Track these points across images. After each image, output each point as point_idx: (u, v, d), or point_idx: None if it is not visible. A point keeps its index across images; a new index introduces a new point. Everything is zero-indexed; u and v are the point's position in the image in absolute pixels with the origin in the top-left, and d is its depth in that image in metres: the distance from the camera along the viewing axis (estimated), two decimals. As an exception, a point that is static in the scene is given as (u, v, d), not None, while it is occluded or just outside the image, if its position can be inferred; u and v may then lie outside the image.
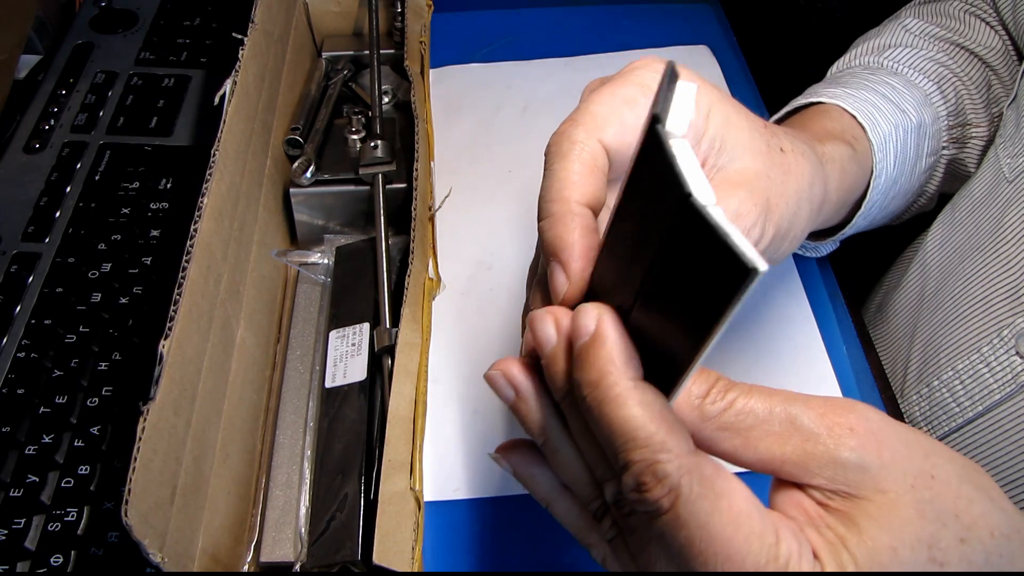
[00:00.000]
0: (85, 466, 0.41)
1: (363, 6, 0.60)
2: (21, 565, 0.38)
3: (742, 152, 0.28)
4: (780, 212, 0.29)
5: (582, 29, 0.66)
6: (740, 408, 0.22)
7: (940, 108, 0.46)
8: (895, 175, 0.41)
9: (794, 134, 0.32)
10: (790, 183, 0.30)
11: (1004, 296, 0.41)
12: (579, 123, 0.27)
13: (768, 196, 0.28)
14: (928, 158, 0.44)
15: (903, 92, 0.43)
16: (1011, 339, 0.40)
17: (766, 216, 0.28)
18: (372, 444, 0.41)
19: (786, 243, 0.31)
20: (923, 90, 0.45)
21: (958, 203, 0.47)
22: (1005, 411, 0.41)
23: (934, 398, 0.44)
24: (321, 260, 0.50)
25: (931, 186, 0.48)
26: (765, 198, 0.28)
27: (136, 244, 0.51)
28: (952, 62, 0.47)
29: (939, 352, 0.45)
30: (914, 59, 0.47)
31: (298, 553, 0.38)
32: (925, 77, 0.46)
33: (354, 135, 0.51)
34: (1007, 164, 0.43)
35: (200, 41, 0.65)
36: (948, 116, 0.46)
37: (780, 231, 0.29)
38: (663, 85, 0.20)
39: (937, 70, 0.47)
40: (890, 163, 0.40)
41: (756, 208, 0.28)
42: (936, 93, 0.46)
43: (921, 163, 0.44)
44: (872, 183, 0.39)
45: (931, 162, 0.45)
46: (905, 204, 0.47)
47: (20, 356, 0.45)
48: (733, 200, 0.27)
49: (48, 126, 0.57)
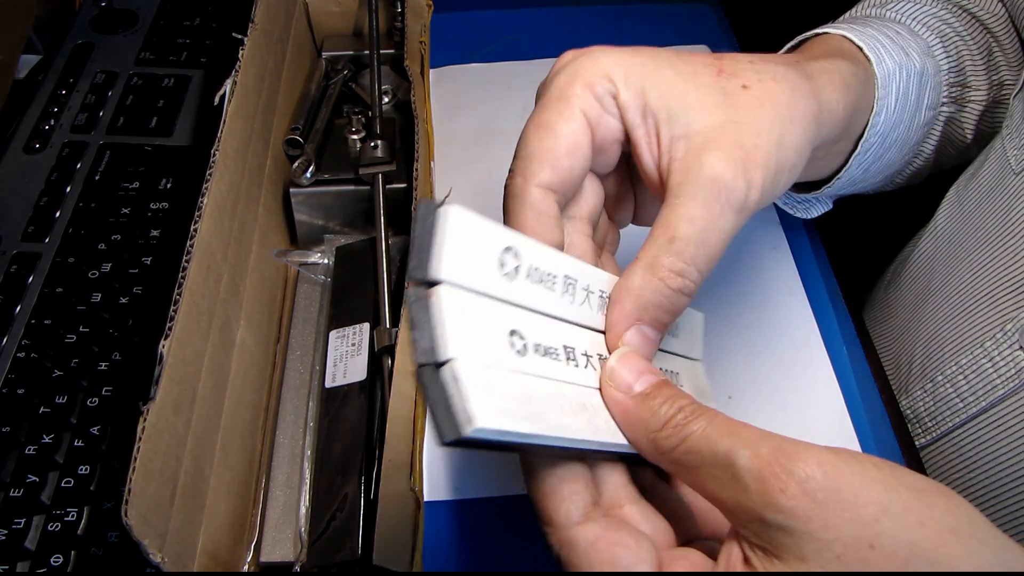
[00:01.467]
0: (85, 466, 0.41)
1: (363, 6, 0.60)
2: (21, 565, 0.38)
3: (696, 113, 0.28)
4: (761, 150, 0.27)
5: (582, 29, 0.66)
6: (689, 447, 0.22)
7: (942, 62, 0.44)
8: (895, 120, 0.40)
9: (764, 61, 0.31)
10: (764, 115, 0.28)
11: (1009, 290, 0.41)
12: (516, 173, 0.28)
13: (740, 142, 0.27)
14: (928, 111, 0.43)
15: (907, 38, 0.42)
16: (1015, 333, 0.40)
17: (745, 163, 0.27)
18: (372, 444, 0.41)
19: (784, 174, 0.29)
20: (926, 41, 0.44)
21: (964, 195, 0.46)
22: (1009, 407, 0.40)
23: (938, 393, 0.44)
24: (321, 260, 0.50)
25: (927, 145, 0.46)
26: (738, 145, 0.27)
27: (136, 244, 0.51)
28: (955, 21, 0.46)
29: (943, 347, 0.45)
30: (917, 13, 0.46)
31: (298, 553, 0.38)
32: (928, 30, 0.45)
33: (354, 135, 0.51)
34: (1014, 156, 0.42)
35: (200, 41, 0.65)
36: (949, 72, 0.45)
37: (768, 167, 0.28)
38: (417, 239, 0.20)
39: (939, 26, 0.46)
40: (891, 103, 0.38)
41: (731, 161, 0.27)
42: (939, 46, 0.44)
43: (920, 114, 0.42)
44: (871, 119, 0.37)
45: (930, 116, 0.44)
46: (901, 160, 0.45)
47: (20, 356, 0.45)
48: (706, 165, 0.27)
49: (48, 126, 0.57)
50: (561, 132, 0.28)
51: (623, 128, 0.29)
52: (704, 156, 0.27)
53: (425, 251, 0.20)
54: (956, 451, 0.43)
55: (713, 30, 0.66)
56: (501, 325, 0.22)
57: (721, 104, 0.28)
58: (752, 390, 0.45)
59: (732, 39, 0.65)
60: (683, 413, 0.23)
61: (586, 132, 0.28)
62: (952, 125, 0.47)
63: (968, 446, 0.43)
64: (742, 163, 0.27)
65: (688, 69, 0.29)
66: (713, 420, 0.22)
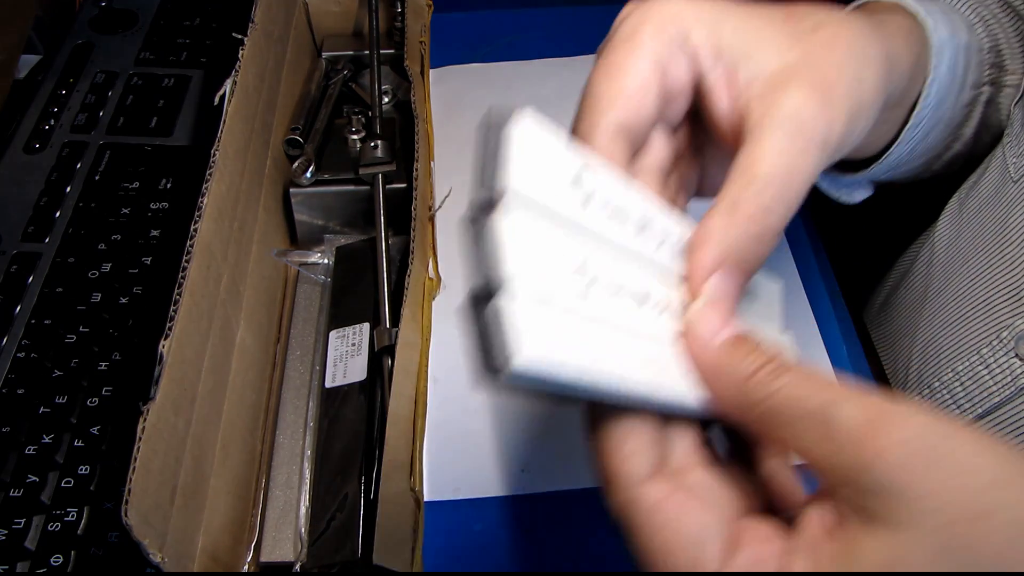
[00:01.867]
0: (85, 466, 0.41)
1: (363, 6, 0.60)
2: (21, 565, 0.38)
3: (772, 52, 0.27)
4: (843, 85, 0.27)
5: (582, 29, 0.66)
6: (781, 400, 0.21)
7: (984, 39, 0.43)
8: (944, 93, 0.38)
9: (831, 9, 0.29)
10: (838, 53, 0.27)
11: (1006, 297, 0.41)
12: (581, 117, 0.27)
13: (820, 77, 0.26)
14: (970, 90, 0.42)
15: (951, 14, 0.40)
16: (1010, 341, 0.40)
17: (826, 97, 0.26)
18: (372, 444, 0.41)
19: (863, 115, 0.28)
20: (967, 19, 0.43)
21: (965, 202, 0.46)
22: (1005, 414, 0.40)
23: (935, 400, 0.44)
24: (321, 260, 0.50)
25: (967, 128, 0.45)
26: (818, 80, 0.26)
27: (136, 244, 0.51)
28: (993, 4, 0.46)
29: (940, 353, 0.45)
30: None
31: (298, 553, 0.38)
32: (968, 8, 0.44)
33: (354, 135, 0.51)
34: (1013, 164, 0.42)
35: (200, 41, 0.65)
36: (989, 51, 0.44)
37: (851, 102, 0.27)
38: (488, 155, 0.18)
39: (976, 8, 0.45)
40: (943, 73, 0.37)
41: (813, 96, 0.26)
42: (979, 25, 0.44)
43: (965, 92, 0.41)
44: (925, 89, 0.36)
45: (971, 96, 0.43)
46: (943, 142, 0.44)
47: (20, 356, 0.45)
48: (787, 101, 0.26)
49: (48, 126, 0.57)
50: (630, 72, 0.27)
51: (694, 73, 0.28)
52: (784, 92, 0.26)
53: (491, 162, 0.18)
54: None
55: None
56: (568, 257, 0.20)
57: (796, 43, 0.27)
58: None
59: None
60: (773, 363, 0.21)
61: (656, 74, 0.27)
62: (991, 107, 0.45)
63: None
64: (823, 97, 0.26)
65: (757, 12, 0.28)
66: (806, 373, 0.21)
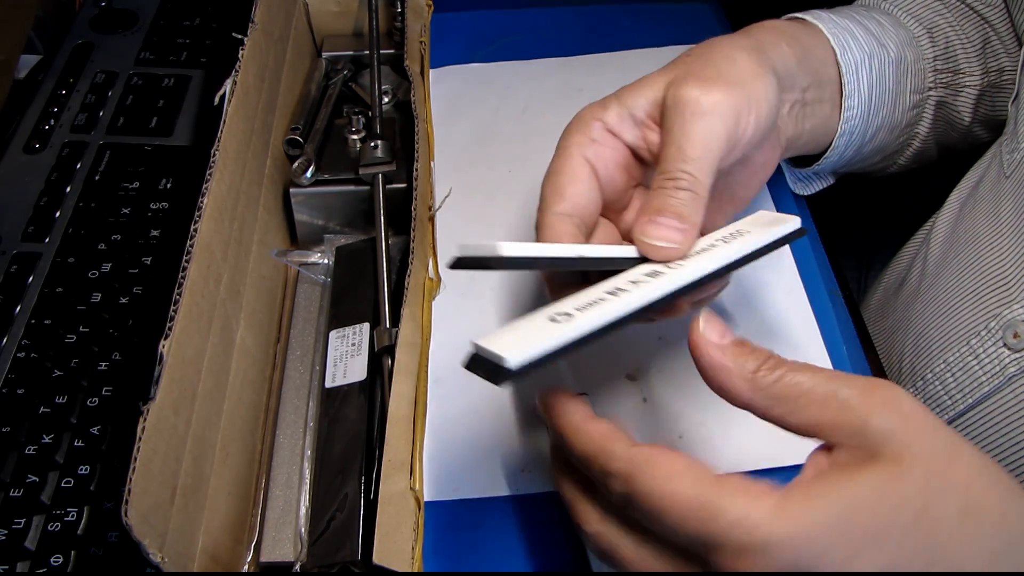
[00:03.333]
0: (85, 466, 0.41)
1: (363, 6, 0.60)
2: (21, 565, 0.38)
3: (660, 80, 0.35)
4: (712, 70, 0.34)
5: (582, 29, 0.66)
6: (788, 381, 0.26)
7: (928, 51, 0.48)
8: (876, 103, 0.44)
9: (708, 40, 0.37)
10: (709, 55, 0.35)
11: (995, 287, 0.42)
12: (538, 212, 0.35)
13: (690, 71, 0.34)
14: (913, 95, 0.47)
15: (888, 29, 0.46)
16: (999, 331, 0.41)
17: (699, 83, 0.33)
18: (372, 444, 0.41)
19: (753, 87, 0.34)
20: (911, 31, 0.48)
21: (965, 200, 0.47)
22: (994, 404, 0.41)
23: (928, 391, 0.45)
24: (321, 260, 0.50)
25: (921, 127, 0.49)
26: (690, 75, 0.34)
27: (136, 244, 0.51)
28: (948, 12, 0.49)
29: (931, 344, 0.45)
30: (910, 5, 0.49)
31: (298, 553, 0.38)
32: (916, 20, 0.49)
33: (354, 135, 0.51)
34: (1006, 160, 0.43)
35: (200, 41, 0.65)
36: (936, 59, 0.48)
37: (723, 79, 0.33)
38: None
39: (930, 16, 0.49)
40: (864, 88, 0.43)
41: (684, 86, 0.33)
42: (925, 36, 0.48)
43: (905, 98, 0.46)
44: (844, 102, 0.43)
45: (916, 99, 0.47)
46: (895, 141, 0.49)
47: (20, 356, 0.45)
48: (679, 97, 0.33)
49: (48, 126, 0.57)
50: (564, 172, 0.34)
51: (623, 144, 0.35)
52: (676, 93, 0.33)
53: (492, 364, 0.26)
54: None
55: (713, 30, 0.66)
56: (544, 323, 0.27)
57: (676, 66, 0.35)
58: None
59: (732, 39, 0.65)
60: (773, 358, 0.27)
61: (586, 168, 0.34)
62: (946, 108, 0.49)
63: None
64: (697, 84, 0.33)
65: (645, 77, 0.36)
66: (799, 363, 0.27)
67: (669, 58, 0.37)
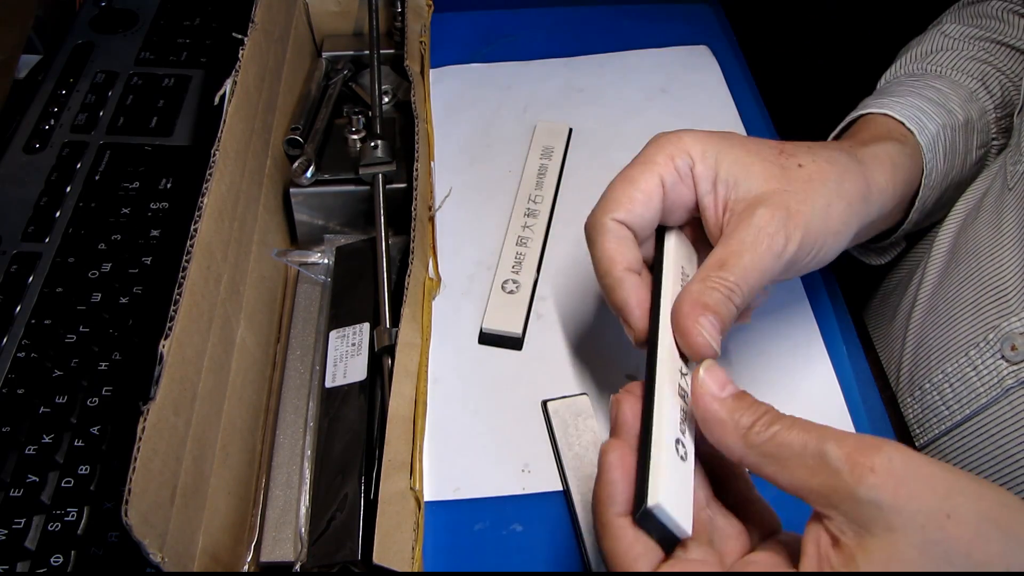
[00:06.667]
0: (85, 466, 0.41)
1: (363, 6, 0.60)
2: (21, 565, 0.38)
3: (756, 181, 0.34)
4: (805, 215, 0.33)
5: (582, 29, 0.66)
6: (780, 441, 0.26)
7: (987, 103, 0.48)
8: (945, 169, 0.44)
9: (821, 147, 0.37)
10: (812, 188, 0.34)
11: (994, 299, 0.42)
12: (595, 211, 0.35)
13: (788, 205, 0.33)
14: (978, 151, 0.47)
15: (947, 93, 0.46)
16: (996, 342, 0.41)
17: (787, 221, 0.33)
18: (372, 444, 0.41)
19: (827, 240, 0.34)
20: (968, 88, 0.48)
21: (969, 211, 0.47)
22: (991, 415, 0.41)
23: (925, 401, 0.45)
24: (321, 260, 0.50)
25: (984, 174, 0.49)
26: (784, 207, 0.33)
27: (136, 244, 0.51)
28: (993, 59, 0.49)
29: (930, 355, 0.45)
30: (956, 61, 0.49)
31: (298, 553, 0.38)
32: (968, 76, 0.48)
33: (354, 135, 0.51)
34: (1009, 172, 0.44)
35: (200, 41, 0.65)
36: (995, 109, 0.48)
37: (810, 231, 0.33)
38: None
39: (980, 68, 0.49)
40: (940, 160, 0.43)
41: (775, 216, 0.32)
42: (981, 89, 0.48)
43: (971, 156, 0.47)
44: (924, 180, 0.42)
45: (981, 153, 0.48)
46: (959, 192, 0.49)
47: (20, 356, 0.45)
48: (754, 217, 0.32)
49: (48, 126, 0.57)
50: (639, 185, 0.34)
51: (694, 196, 0.35)
52: (755, 210, 0.33)
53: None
54: (941, 459, 0.43)
55: (713, 30, 0.66)
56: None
57: (778, 176, 0.34)
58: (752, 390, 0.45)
59: (732, 39, 0.65)
60: (769, 414, 0.26)
61: (659, 191, 0.34)
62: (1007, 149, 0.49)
63: (952, 454, 0.43)
64: (784, 220, 0.33)
65: (755, 148, 0.35)
66: (796, 420, 0.26)
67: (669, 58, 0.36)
